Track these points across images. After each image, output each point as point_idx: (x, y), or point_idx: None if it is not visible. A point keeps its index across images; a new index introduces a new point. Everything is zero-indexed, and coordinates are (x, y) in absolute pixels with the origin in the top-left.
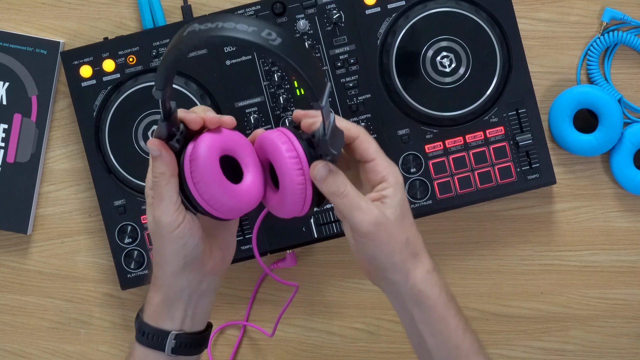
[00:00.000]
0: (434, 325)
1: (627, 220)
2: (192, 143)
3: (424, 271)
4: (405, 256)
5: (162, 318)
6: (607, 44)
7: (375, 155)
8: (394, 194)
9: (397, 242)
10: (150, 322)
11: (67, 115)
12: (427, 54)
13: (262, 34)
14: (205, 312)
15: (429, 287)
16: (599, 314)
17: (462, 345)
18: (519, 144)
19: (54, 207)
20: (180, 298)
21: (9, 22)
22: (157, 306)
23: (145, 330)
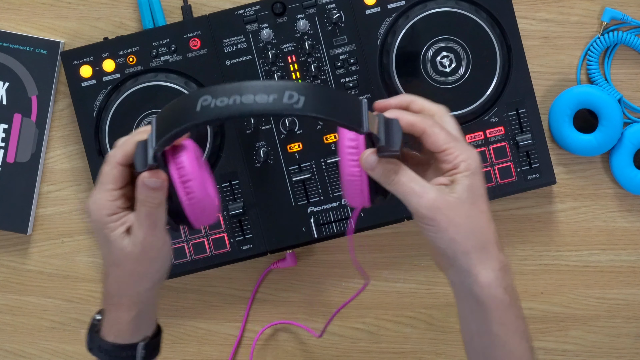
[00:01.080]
0: (491, 327)
1: (627, 220)
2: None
3: (488, 269)
4: (469, 247)
5: (132, 333)
6: (607, 44)
7: (445, 145)
8: (462, 178)
9: (459, 230)
10: (118, 341)
11: (67, 115)
12: (427, 54)
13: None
14: (155, 314)
15: (492, 289)
16: (599, 314)
17: (516, 352)
18: (519, 144)
19: (54, 207)
20: (148, 307)
21: (9, 22)
22: (127, 324)
23: (110, 350)
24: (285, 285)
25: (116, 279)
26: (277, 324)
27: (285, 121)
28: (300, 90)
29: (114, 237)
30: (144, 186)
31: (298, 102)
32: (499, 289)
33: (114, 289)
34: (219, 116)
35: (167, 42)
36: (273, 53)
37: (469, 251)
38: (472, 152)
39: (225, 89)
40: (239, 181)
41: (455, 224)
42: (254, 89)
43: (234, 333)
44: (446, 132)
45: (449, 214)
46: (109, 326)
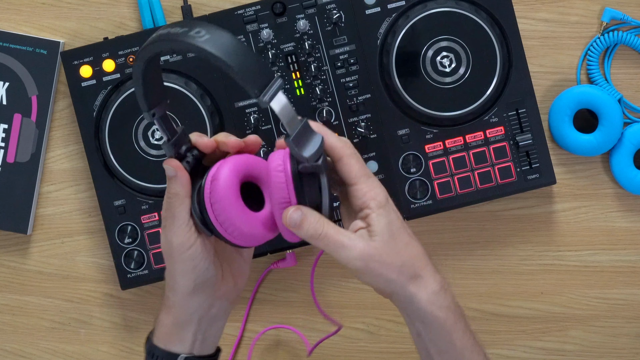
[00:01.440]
0: (441, 345)
1: (627, 220)
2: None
3: (427, 293)
4: (404, 281)
5: (172, 340)
6: (607, 44)
7: (356, 179)
8: (378, 218)
9: (391, 270)
10: (161, 345)
11: (67, 115)
12: (427, 54)
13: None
14: (215, 337)
15: (435, 309)
16: (599, 314)
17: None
18: (519, 144)
19: (54, 207)
20: (190, 321)
21: (9, 22)
22: (168, 328)
23: (155, 353)
24: (285, 285)
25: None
26: (276, 327)
27: None
28: (209, 28)
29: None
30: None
31: (202, 36)
32: (440, 310)
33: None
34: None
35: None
36: (273, 53)
37: (405, 283)
38: (380, 188)
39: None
40: None
41: (386, 265)
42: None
43: (234, 333)
44: (361, 165)
45: (379, 259)
46: (156, 326)
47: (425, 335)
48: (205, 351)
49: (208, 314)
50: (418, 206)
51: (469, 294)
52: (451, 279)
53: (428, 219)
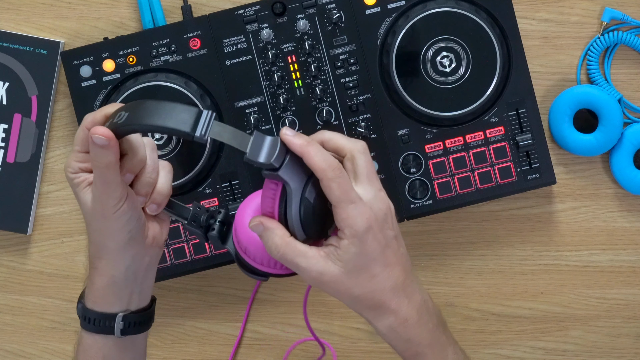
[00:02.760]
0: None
1: (627, 220)
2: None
3: (384, 326)
4: (360, 309)
5: (108, 302)
6: (607, 44)
7: (336, 203)
8: (347, 247)
9: (345, 297)
10: (96, 308)
11: (67, 115)
12: (427, 54)
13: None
14: (149, 287)
15: (393, 340)
16: (599, 314)
17: None
18: (519, 144)
19: (54, 207)
20: (126, 277)
21: (9, 22)
22: (102, 290)
23: (91, 316)
24: (285, 285)
25: (90, 240)
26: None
27: (285, 121)
28: (126, 107)
29: (78, 192)
30: (92, 143)
31: (121, 118)
32: (399, 342)
33: (90, 251)
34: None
35: (167, 42)
36: (273, 53)
37: (362, 311)
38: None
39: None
40: (239, 181)
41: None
42: None
43: (234, 333)
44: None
45: (334, 285)
46: (88, 291)
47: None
48: (142, 304)
49: (142, 266)
50: (418, 206)
51: (469, 294)
52: (451, 279)
53: (428, 219)
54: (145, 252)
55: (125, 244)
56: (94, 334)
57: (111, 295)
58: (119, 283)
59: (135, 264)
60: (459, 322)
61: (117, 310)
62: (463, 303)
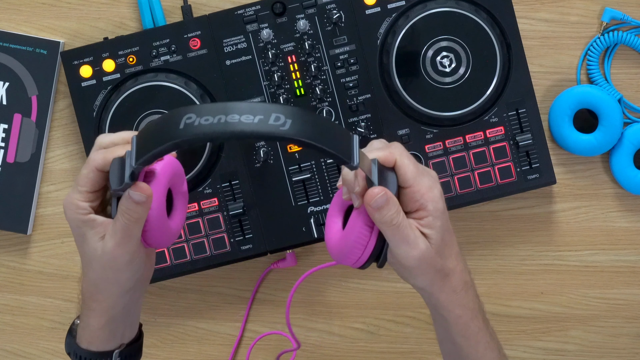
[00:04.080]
0: (455, 338)
1: (627, 220)
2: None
3: (450, 291)
4: (436, 280)
5: (104, 341)
6: (607, 44)
7: (412, 181)
8: (434, 222)
9: (434, 272)
10: (92, 348)
11: (67, 115)
12: (427, 54)
13: (271, 122)
14: (138, 316)
15: (452, 307)
16: (599, 314)
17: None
18: (519, 144)
19: (54, 207)
20: (123, 315)
21: (9, 22)
22: (99, 330)
23: (86, 356)
24: (285, 285)
25: (88, 280)
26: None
27: None
28: (288, 113)
29: (89, 237)
30: (128, 199)
31: (284, 125)
32: (457, 308)
33: (87, 290)
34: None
35: (167, 42)
36: (273, 53)
37: (434, 283)
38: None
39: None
40: (239, 181)
41: (432, 267)
42: (240, 110)
43: (234, 333)
44: (414, 164)
45: (431, 262)
46: (82, 332)
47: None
48: (132, 335)
49: (136, 299)
50: None
51: None
52: None
53: None
54: (141, 290)
55: (129, 289)
56: None
57: (108, 334)
58: (117, 321)
59: (132, 300)
60: None
61: (113, 347)
62: None
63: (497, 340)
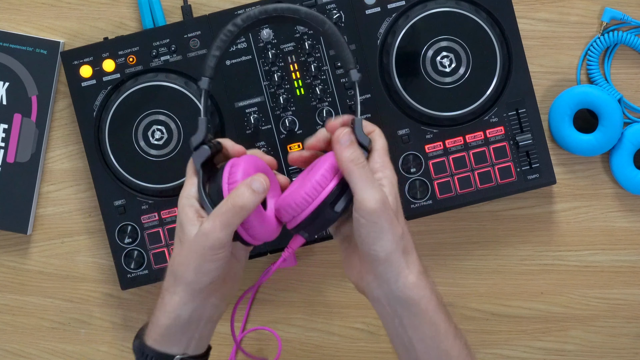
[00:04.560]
0: (424, 330)
1: (627, 220)
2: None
3: (415, 272)
4: (400, 251)
5: (168, 342)
6: (607, 44)
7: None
8: (389, 185)
9: (395, 232)
10: (156, 346)
11: (67, 115)
12: (427, 54)
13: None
14: (208, 336)
15: (420, 290)
16: (599, 314)
17: (452, 351)
18: (519, 144)
19: (54, 207)
20: (190, 322)
21: (9, 22)
22: (164, 329)
23: (149, 354)
24: (285, 285)
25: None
26: (259, 329)
27: (285, 121)
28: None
29: (191, 218)
30: (247, 186)
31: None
32: (426, 290)
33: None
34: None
35: (167, 42)
36: (273, 53)
37: (399, 255)
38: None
39: None
40: None
41: (393, 225)
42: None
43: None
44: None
45: (389, 213)
46: (150, 328)
47: (407, 321)
48: (198, 351)
49: (207, 315)
50: (418, 206)
51: (469, 294)
52: (451, 279)
53: (428, 219)
54: (214, 301)
55: (203, 287)
56: None
57: (172, 336)
58: (182, 324)
59: (201, 308)
60: (459, 322)
61: (176, 352)
62: (463, 303)
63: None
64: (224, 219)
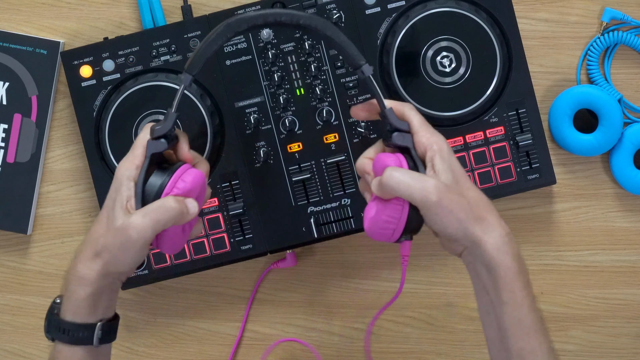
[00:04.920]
0: (502, 295)
1: (627, 220)
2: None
3: (494, 237)
4: (472, 221)
5: (88, 313)
6: (607, 44)
7: (417, 128)
8: (441, 160)
9: (460, 207)
10: (76, 320)
11: (67, 115)
12: (427, 54)
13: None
14: (115, 301)
15: (501, 254)
16: (599, 314)
17: (525, 320)
18: (519, 144)
19: (54, 207)
20: (105, 292)
21: (9, 22)
22: (84, 301)
23: (70, 328)
24: (285, 285)
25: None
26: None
27: (285, 121)
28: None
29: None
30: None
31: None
32: (506, 256)
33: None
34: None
35: (167, 42)
36: (273, 53)
37: (473, 223)
38: (440, 136)
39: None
40: (239, 181)
41: (456, 201)
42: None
43: (234, 333)
44: (420, 117)
45: (449, 195)
46: (66, 304)
47: (488, 283)
48: (108, 315)
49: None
50: None
51: (469, 294)
52: (451, 279)
53: None
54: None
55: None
56: (72, 345)
57: (91, 306)
58: (102, 295)
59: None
60: (459, 322)
61: (95, 320)
62: (463, 303)
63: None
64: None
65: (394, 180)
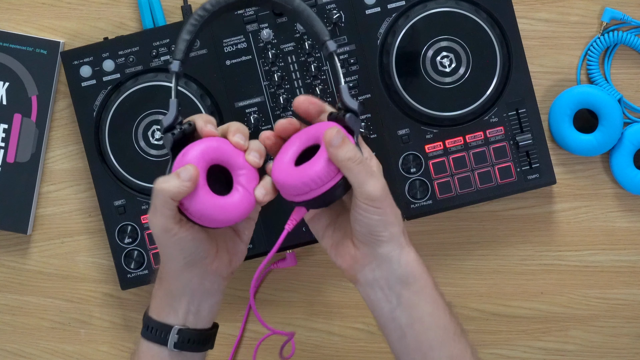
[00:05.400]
0: (425, 307)
1: (627, 220)
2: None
3: (413, 249)
4: (401, 230)
5: (165, 311)
6: (607, 44)
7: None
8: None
9: (397, 213)
10: (154, 316)
11: (67, 115)
12: (427, 54)
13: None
14: (209, 312)
15: (420, 265)
16: (599, 314)
17: (450, 327)
18: (519, 144)
19: (54, 207)
20: (183, 293)
21: (9, 22)
22: (160, 299)
23: (150, 324)
24: (285, 285)
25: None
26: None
27: None
28: None
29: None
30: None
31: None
32: (424, 267)
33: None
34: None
35: (167, 42)
36: (273, 53)
37: (400, 234)
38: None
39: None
40: None
41: (394, 208)
42: None
43: (234, 333)
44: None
45: (390, 197)
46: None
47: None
48: (199, 325)
49: (200, 288)
50: (418, 206)
51: (469, 294)
52: (451, 279)
53: (428, 219)
54: (205, 277)
55: (182, 267)
56: (150, 342)
57: (168, 306)
58: (175, 297)
59: (192, 284)
60: None
61: (174, 322)
62: (463, 303)
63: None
64: (153, 205)
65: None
